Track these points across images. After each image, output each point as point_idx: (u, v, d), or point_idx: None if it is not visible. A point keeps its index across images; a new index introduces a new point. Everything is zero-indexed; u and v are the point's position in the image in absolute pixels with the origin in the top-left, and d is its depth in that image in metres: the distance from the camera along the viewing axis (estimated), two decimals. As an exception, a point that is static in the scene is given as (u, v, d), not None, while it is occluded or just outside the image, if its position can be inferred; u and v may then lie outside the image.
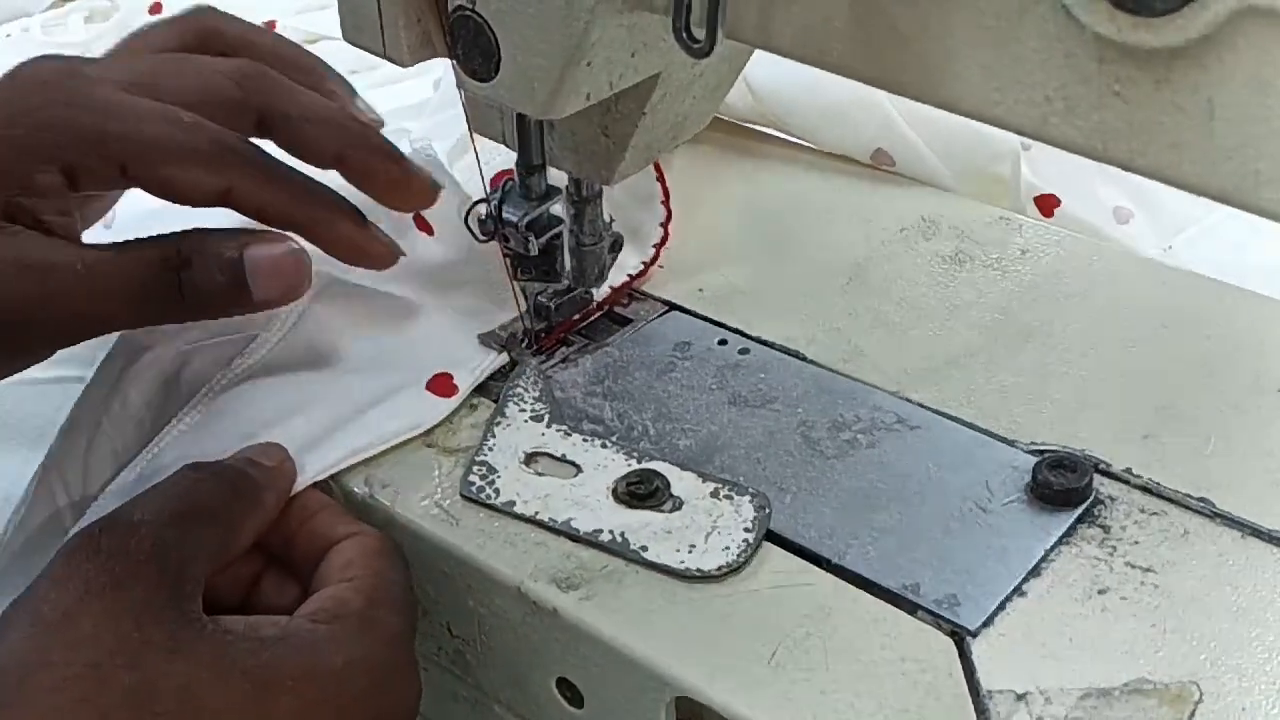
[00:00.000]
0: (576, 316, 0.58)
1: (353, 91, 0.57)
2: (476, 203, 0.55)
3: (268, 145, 0.51)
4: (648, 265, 0.60)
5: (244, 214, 0.49)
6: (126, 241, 0.49)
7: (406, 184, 0.52)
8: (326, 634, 0.43)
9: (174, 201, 0.49)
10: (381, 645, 0.44)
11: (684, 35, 0.40)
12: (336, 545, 0.47)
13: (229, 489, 0.46)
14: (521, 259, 0.55)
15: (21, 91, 0.48)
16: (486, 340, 0.56)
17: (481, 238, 0.55)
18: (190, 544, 0.43)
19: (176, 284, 0.47)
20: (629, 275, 0.60)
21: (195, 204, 0.49)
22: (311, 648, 0.42)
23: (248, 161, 0.49)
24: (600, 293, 0.58)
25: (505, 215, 0.54)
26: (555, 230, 0.55)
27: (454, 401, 0.53)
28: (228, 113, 0.50)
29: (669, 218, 0.62)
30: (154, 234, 0.49)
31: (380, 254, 0.52)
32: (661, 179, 0.62)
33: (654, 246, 0.61)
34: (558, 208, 0.55)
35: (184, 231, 0.49)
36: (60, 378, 0.56)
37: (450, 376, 0.54)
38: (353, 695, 0.43)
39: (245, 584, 0.48)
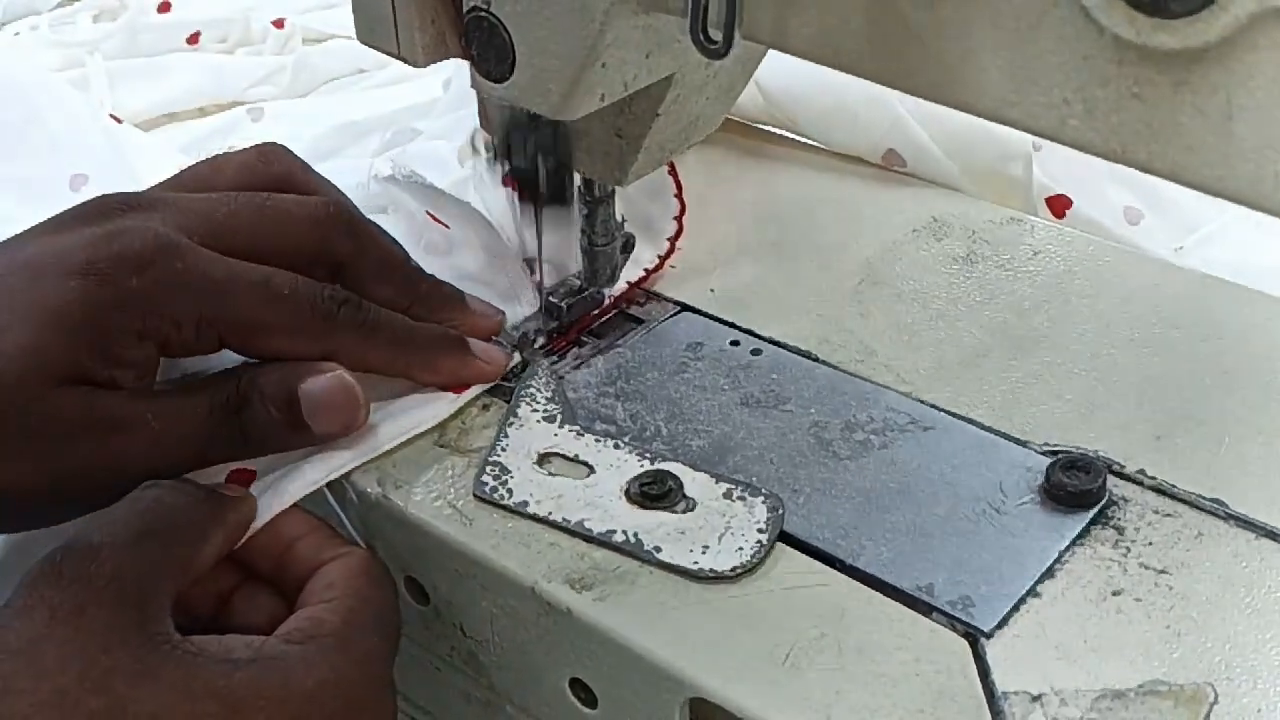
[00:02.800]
0: (596, 312, 0.58)
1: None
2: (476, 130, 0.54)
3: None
4: (663, 259, 0.60)
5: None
6: (188, 384, 0.49)
7: (472, 324, 0.54)
8: (299, 654, 0.43)
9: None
10: (356, 665, 0.44)
11: (700, 37, 0.40)
12: (322, 566, 0.46)
13: (190, 505, 0.46)
14: (532, 185, 0.54)
15: (115, 269, 0.47)
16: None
17: (486, 155, 0.54)
18: (153, 564, 0.43)
19: (237, 425, 0.48)
20: (645, 270, 0.60)
21: None
22: (283, 668, 0.42)
23: (345, 325, 0.50)
24: (617, 287, 0.59)
25: (512, 140, 0.53)
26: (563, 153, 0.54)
27: (465, 397, 0.53)
28: (305, 262, 0.51)
29: (683, 210, 0.62)
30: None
31: (484, 373, 0.53)
32: (673, 172, 0.62)
33: (668, 240, 0.61)
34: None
35: (243, 368, 0.49)
36: None
37: None
38: (325, 716, 0.43)
39: (217, 599, 0.48)
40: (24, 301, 0.46)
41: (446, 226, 0.58)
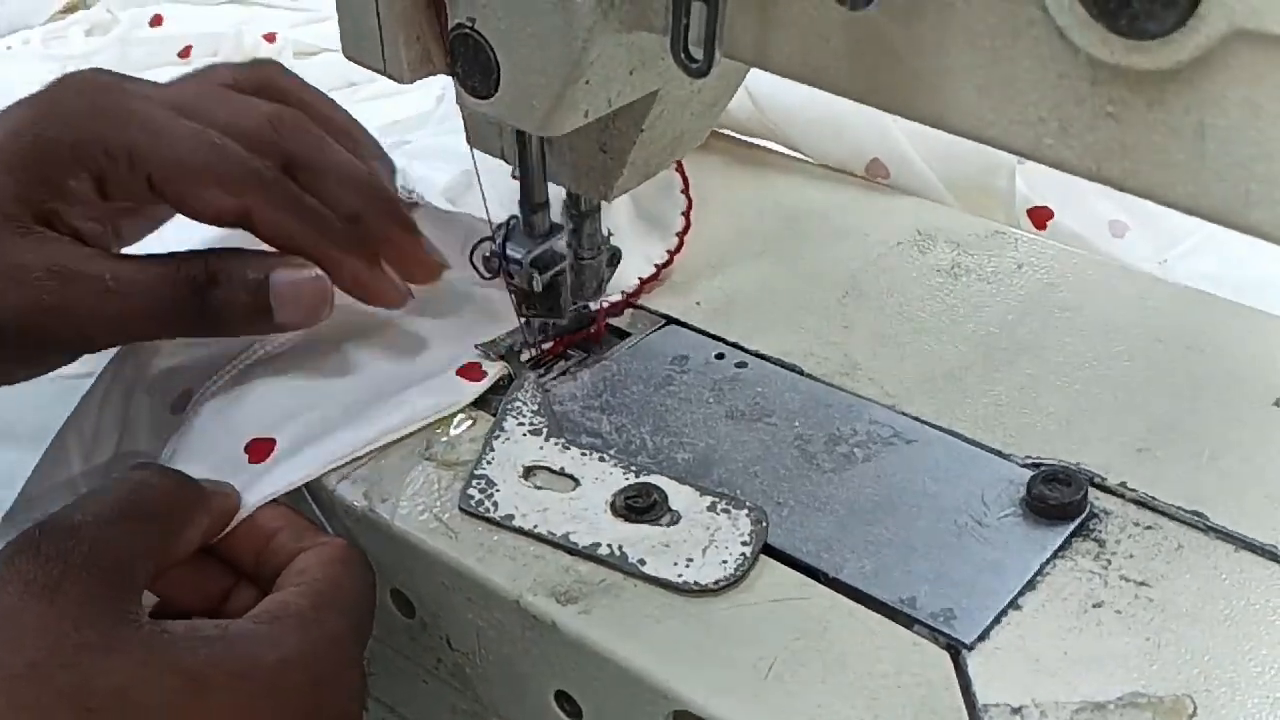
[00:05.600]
0: (608, 306, 0.58)
1: (391, 167, 0.59)
2: (481, 241, 0.55)
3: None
4: (673, 254, 0.61)
5: (260, 239, 0.51)
6: (156, 255, 0.51)
7: (415, 258, 0.55)
8: (265, 633, 0.44)
9: (196, 219, 0.51)
10: (320, 645, 0.45)
11: (682, 55, 0.40)
12: (298, 554, 0.47)
13: (174, 490, 0.47)
14: (526, 295, 0.55)
15: (62, 99, 0.50)
16: (486, 349, 0.56)
17: (487, 275, 0.56)
18: (131, 545, 0.44)
19: (201, 301, 0.49)
20: (655, 265, 0.60)
21: (215, 223, 0.51)
22: (247, 645, 0.43)
23: (269, 188, 0.51)
24: (629, 284, 0.59)
25: (509, 253, 0.54)
26: (559, 267, 0.55)
27: (483, 385, 0.54)
28: (257, 150, 0.52)
29: (690, 206, 0.62)
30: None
31: (387, 295, 0.54)
32: (680, 169, 0.62)
33: (677, 235, 0.61)
34: (560, 244, 0.55)
35: (213, 250, 0.51)
36: (58, 377, 0.57)
37: (479, 364, 0.55)
38: (288, 693, 0.44)
39: (216, 599, 0.49)
40: None
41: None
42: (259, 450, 0.51)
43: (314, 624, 0.44)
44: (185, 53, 0.96)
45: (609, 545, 0.47)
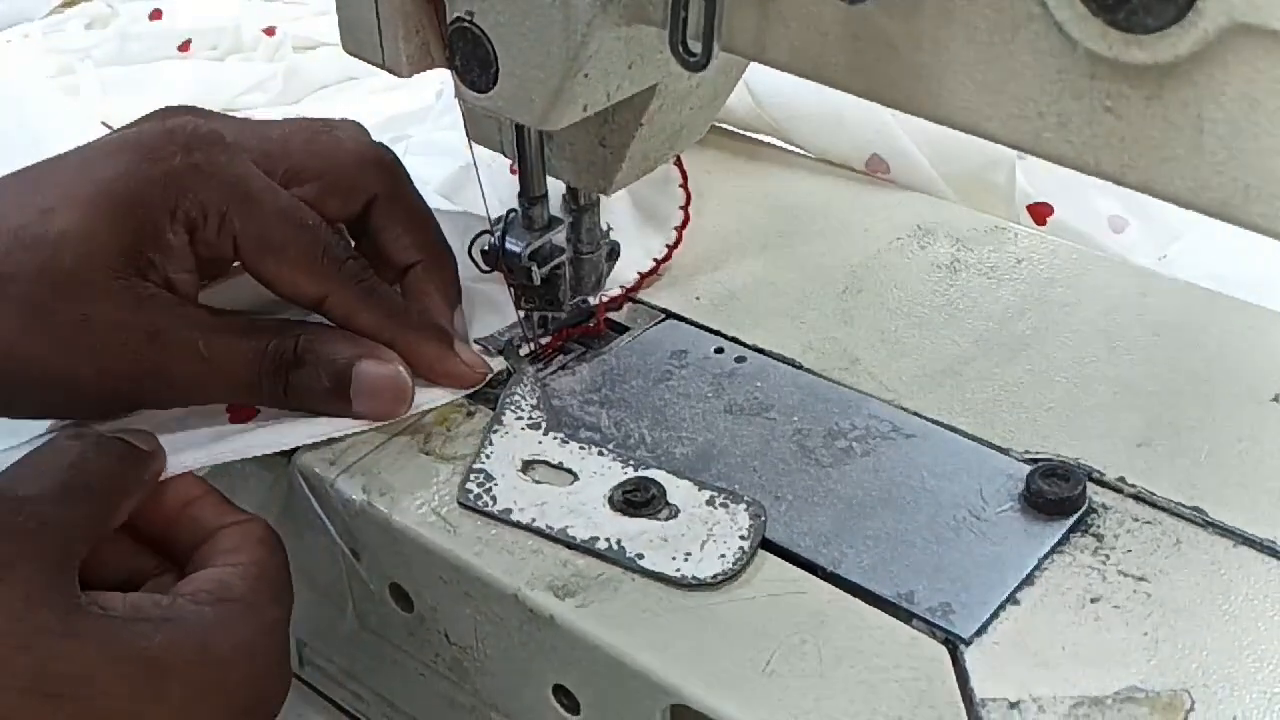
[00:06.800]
0: (608, 300, 0.58)
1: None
2: (480, 234, 0.55)
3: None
4: (672, 248, 0.61)
5: (333, 321, 0.52)
6: (249, 323, 0.51)
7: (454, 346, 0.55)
8: (214, 618, 0.43)
9: (273, 292, 0.52)
10: (264, 634, 0.45)
11: (680, 49, 0.40)
12: (222, 530, 0.47)
13: (113, 463, 0.47)
14: (525, 288, 0.55)
15: (163, 152, 0.50)
16: (485, 344, 0.56)
17: (485, 268, 0.56)
18: (75, 521, 0.44)
19: (285, 379, 0.50)
20: (654, 260, 0.60)
21: (291, 302, 0.52)
22: (200, 632, 0.43)
23: (348, 277, 0.52)
24: (628, 279, 0.59)
25: (508, 246, 0.54)
26: (558, 260, 0.55)
27: (447, 395, 0.54)
28: (341, 193, 0.54)
29: (688, 200, 0.62)
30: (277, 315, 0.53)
31: (463, 375, 0.54)
32: (679, 162, 0.62)
33: (676, 229, 0.61)
34: (559, 237, 0.55)
35: (305, 325, 0.52)
36: None
37: None
38: (238, 680, 0.44)
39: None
40: (73, 178, 0.49)
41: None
42: (240, 414, 0.52)
43: (258, 610, 0.45)
44: (185, 46, 0.96)
45: (607, 539, 0.47)
